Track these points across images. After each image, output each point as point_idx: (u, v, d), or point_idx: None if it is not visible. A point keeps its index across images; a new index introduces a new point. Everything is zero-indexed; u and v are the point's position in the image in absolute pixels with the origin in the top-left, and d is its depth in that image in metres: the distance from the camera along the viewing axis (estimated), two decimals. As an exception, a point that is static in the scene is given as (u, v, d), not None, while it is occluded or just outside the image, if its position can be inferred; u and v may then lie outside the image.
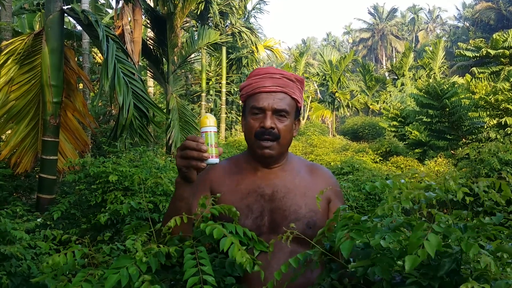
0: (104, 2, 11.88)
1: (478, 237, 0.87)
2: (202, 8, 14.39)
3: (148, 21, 9.29)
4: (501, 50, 16.40)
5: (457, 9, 60.97)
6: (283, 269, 1.00)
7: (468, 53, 17.68)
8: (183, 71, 17.88)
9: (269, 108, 1.33)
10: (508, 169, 6.08)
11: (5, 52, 4.39)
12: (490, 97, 10.28)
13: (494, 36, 16.72)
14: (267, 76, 1.37)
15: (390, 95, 24.30)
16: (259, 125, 1.33)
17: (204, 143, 1.15)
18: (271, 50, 21.38)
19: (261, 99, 1.34)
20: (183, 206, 1.20)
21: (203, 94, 16.60)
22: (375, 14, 56.02)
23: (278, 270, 1.01)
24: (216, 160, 1.17)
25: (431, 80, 18.26)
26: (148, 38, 9.71)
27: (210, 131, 1.17)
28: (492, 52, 16.63)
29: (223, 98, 17.77)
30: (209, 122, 1.18)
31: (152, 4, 9.52)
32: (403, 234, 0.93)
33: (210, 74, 19.49)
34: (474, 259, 0.82)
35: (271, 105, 1.34)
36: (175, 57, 9.33)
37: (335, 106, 27.23)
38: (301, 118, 1.50)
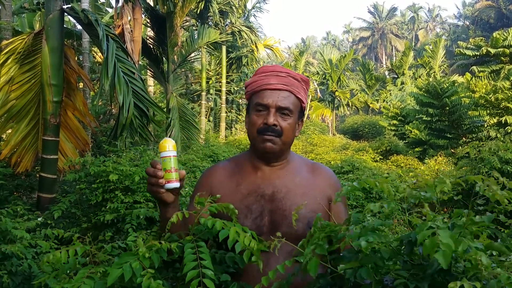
0: (104, 1, 11.87)
1: (468, 234, 0.86)
2: (202, 7, 14.38)
3: (148, 20, 9.29)
4: (501, 49, 16.39)
5: (457, 7, 61.05)
6: (272, 274, 1.00)
7: (468, 52, 17.68)
8: (183, 70, 17.88)
9: (273, 105, 1.34)
10: (508, 168, 6.09)
11: (5, 51, 4.39)
12: (490, 95, 10.28)
13: (494, 34, 16.71)
14: (273, 74, 1.37)
15: (390, 94, 24.28)
16: (262, 122, 1.34)
17: (161, 169, 1.18)
18: (271, 49, 21.36)
19: (266, 96, 1.35)
20: (174, 225, 1.22)
21: (203, 93, 16.61)
22: (375, 13, 55.98)
23: (274, 269, 1.01)
24: (176, 185, 1.19)
25: (431, 79, 18.26)
26: (148, 37, 9.70)
27: (169, 156, 1.18)
28: (492, 50, 16.62)
29: (223, 97, 17.77)
30: (167, 147, 1.19)
31: (152, 3, 9.51)
32: (386, 235, 0.93)
33: (210, 73, 19.48)
34: (463, 257, 0.81)
35: (275, 102, 1.34)
36: (175, 56, 9.33)
37: (335, 105, 27.24)
38: (304, 119, 1.50)
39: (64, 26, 4.64)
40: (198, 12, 14.49)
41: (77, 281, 0.94)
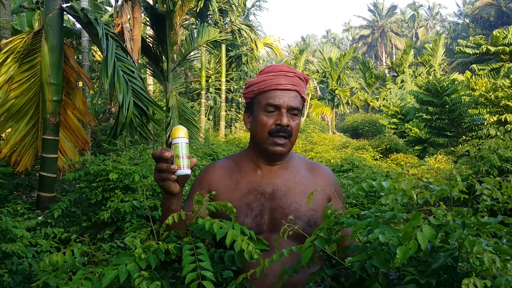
0: (103, 0, 11.86)
1: (477, 234, 0.86)
2: (202, 5, 14.37)
3: (148, 19, 9.28)
4: (501, 47, 16.39)
5: (457, 5, 60.94)
6: (275, 258, 1.01)
7: (468, 50, 17.67)
8: (182, 69, 17.88)
9: (285, 105, 1.34)
10: (508, 166, 6.09)
11: (4, 50, 4.39)
12: (490, 94, 10.29)
13: (494, 33, 16.71)
14: (281, 74, 1.37)
15: (390, 92, 24.29)
16: (274, 123, 1.34)
17: (173, 155, 1.15)
18: (270, 48, 21.39)
19: (277, 97, 1.34)
20: (174, 222, 1.21)
21: (203, 92, 16.60)
22: (375, 11, 55.92)
23: (277, 254, 1.02)
24: (187, 171, 1.16)
25: (431, 77, 18.25)
26: (147, 36, 9.69)
27: (181, 143, 1.16)
28: (492, 49, 16.61)
29: (223, 96, 17.76)
30: (179, 133, 1.17)
31: (151, 2, 9.50)
32: (396, 229, 0.92)
33: (209, 71, 19.47)
34: (475, 256, 0.81)
35: (287, 103, 1.34)
36: (175, 55, 9.31)
37: (335, 103, 27.24)
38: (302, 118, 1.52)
39: (64, 25, 4.63)
40: (197, 10, 14.47)
41: (75, 282, 0.94)
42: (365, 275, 0.96)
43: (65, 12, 4.42)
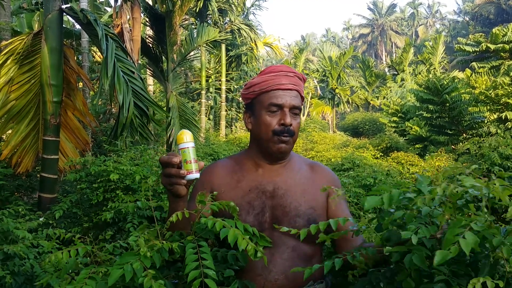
0: (102, 0, 11.87)
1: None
2: (201, 5, 14.35)
3: (147, 19, 9.28)
4: (501, 45, 16.36)
5: (457, 3, 60.88)
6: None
7: (468, 48, 17.65)
8: (182, 69, 17.88)
9: (287, 105, 1.36)
10: (508, 164, 6.09)
11: (4, 52, 4.39)
12: (490, 91, 10.29)
13: (493, 30, 16.68)
14: (282, 74, 1.39)
15: (390, 90, 24.26)
16: (277, 122, 1.35)
17: (181, 160, 1.16)
18: (270, 47, 21.38)
19: (279, 96, 1.36)
20: (178, 221, 1.22)
21: (203, 92, 16.59)
22: (375, 10, 55.88)
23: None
24: (197, 175, 1.17)
25: (431, 76, 18.22)
26: (147, 36, 9.69)
27: (188, 147, 1.17)
28: (492, 46, 16.59)
29: (223, 96, 17.75)
30: (185, 138, 1.18)
31: (150, 2, 9.50)
32: (436, 227, 0.88)
33: (209, 71, 19.47)
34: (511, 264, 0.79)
35: (289, 102, 1.36)
36: (175, 55, 9.31)
37: (335, 102, 27.24)
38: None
39: (63, 26, 4.63)
40: (197, 10, 14.46)
41: (79, 281, 0.94)
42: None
43: (64, 13, 4.42)
